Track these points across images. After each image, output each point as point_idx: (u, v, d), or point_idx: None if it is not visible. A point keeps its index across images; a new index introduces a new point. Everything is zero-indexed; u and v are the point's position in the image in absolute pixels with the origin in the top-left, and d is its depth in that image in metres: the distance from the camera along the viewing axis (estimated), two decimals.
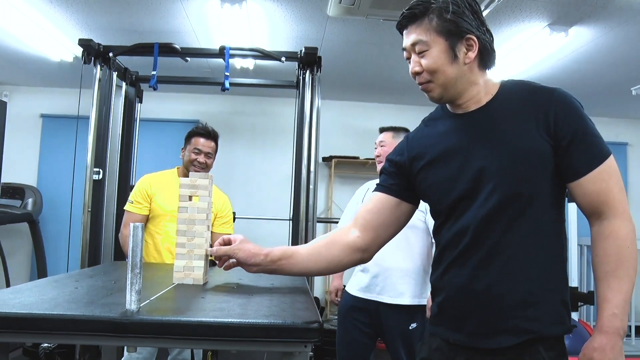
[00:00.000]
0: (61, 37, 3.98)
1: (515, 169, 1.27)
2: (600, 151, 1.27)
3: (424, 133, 1.47)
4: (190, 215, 1.47)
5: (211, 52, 3.36)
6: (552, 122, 1.27)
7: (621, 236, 1.24)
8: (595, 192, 1.26)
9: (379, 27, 3.63)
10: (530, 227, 1.28)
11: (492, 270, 1.28)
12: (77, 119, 3.41)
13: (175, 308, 1.19)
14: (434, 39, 1.32)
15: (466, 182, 1.32)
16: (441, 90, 1.37)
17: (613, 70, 4.43)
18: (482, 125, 1.35)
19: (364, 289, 2.74)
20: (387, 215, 1.47)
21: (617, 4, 3.13)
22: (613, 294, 1.22)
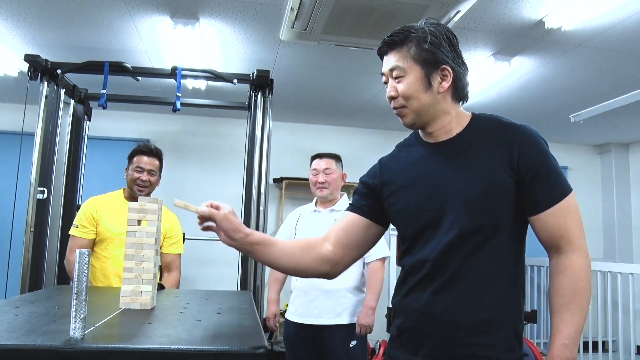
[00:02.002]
0: (6, 51, 3.87)
1: (480, 202, 1.33)
2: (561, 188, 1.34)
3: (397, 159, 1.53)
4: (138, 239, 1.46)
5: (163, 72, 3.34)
6: (517, 158, 1.33)
7: (577, 271, 1.31)
8: (555, 227, 1.33)
9: (330, 52, 3.71)
10: (490, 257, 1.34)
11: (450, 296, 1.33)
12: (21, 135, 3.30)
13: (121, 335, 1.17)
14: (410, 66, 1.38)
15: (432, 211, 1.37)
16: (414, 116, 1.42)
17: (553, 98, 4.65)
18: (451, 156, 1.40)
19: (303, 313, 2.85)
20: (357, 235, 1.52)
21: (554, 37, 3.31)
22: (566, 326, 1.29)
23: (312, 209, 3.09)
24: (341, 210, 2.80)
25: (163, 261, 2.91)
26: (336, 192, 3.02)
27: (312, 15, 2.76)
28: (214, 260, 5.35)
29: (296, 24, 2.88)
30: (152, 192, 2.87)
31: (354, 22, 2.86)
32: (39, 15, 3.30)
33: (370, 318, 2.83)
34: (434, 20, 1.42)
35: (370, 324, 2.84)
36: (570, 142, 6.61)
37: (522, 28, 3.21)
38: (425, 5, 2.63)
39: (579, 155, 6.67)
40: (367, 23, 2.86)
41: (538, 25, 3.14)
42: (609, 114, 4.56)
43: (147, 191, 2.80)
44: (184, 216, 5.57)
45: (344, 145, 6.07)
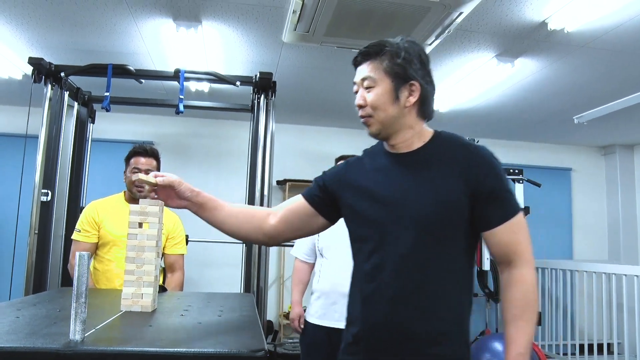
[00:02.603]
0: (10, 54, 3.89)
1: (435, 216, 1.39)
2: (512, 207, 1.42)
3: (362, 164, 1.59)
4: (139, 242, 1.46)
5: (166, 74, 3.36)
6: (474, 177, 1.40)
7: (528, 283, 1.40)
8: (507, 242, 1.41)
9: (333, 54, 3.71)
10: (446, 270, 1.40)
11: (409, 307, 1.39)
12: (25, 138, 3.32)
13: (121, 337, 1.18)
14: (381, 78, 1.45)
15: (389, 219, 1.42)
16: (379, 127, 1.49)
17: (556, 99, 4.63)
18: (410, 169, 1.46)
19: (323, 316, 2.79)
20: (303, 220, 1.60)
21: (557, 39, 3.30)
22: (519, 336, 1.37)
23: None
24: None
25: (166, 262, 2.92)
26: None
27: (315, 18, 2.76)
28: (217, 262, 5.36)
29: (298, 26, 2.88)
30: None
31: (356, 24, 2.85)
32: (43, 19, 3.31)
33: None
34: (410, 38, 1.49)
35: None
36: (574, 144, 6.59)
37: (525, 29, 3.20)
38: (427, 7, 2.62)
39: (583, 156, 6.65)
40: (369, 25, 2.86)
41: (541, 27, 3.14)
42: (613, 115, 4.54)
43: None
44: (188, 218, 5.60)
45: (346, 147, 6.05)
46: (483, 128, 5.80)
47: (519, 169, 4.81)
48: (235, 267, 3.65)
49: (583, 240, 6.47)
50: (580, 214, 6.53)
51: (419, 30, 2.89)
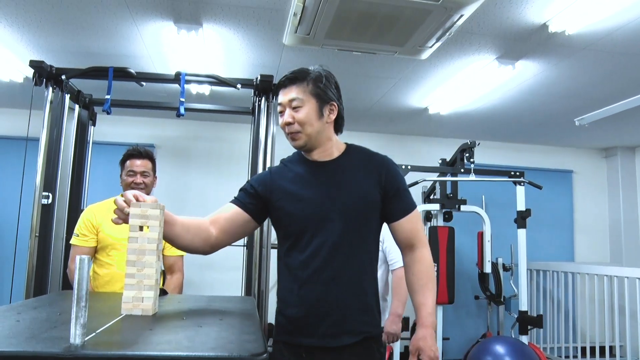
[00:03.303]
0: (11, 57, 3.89)
1: (357, 209, 1.73)
2: (411, 203, 1.82)
3: (284, 172, 1.85)
4: (140, 245, 1.46)
5: (167, 77, 3.35)
6: (384, 179, 1.77)
7: (427, 260, 1.79)
8: (409, 230, 1.79)
9: (334, 57, 3.71)
10: (365, 252, 1.77)
11: (339, 286, 1.70)
12: (26, 140, 3.32)
13: (121, 341, 1.17)
14: (308, 99, 1.74)
15: (317, 216, 1.72)
16: (306, 139, 1.76)
17: (558, 101, 4.63)
18: (332, 174, 1.78)
19: None
20: (238, 226, 1.80)
21: (558, 41, 3.30)
22: (427, 300, 1.74)
23: None
24: None
25: (165, 263, 2.91)
26: None
27: (315, 20, 2.76)
28: (218, 265, 5.35)
29: (299, 29, 2.88)
30: (149, 193, 2.86)
31: (357, 26, 2.85)
32: (44, 22, 3.31)
33: (397, 326, 2.79)
34: (325, 68, 1.84)
35: (398, 332, 2.80)
36: (575, 146, 6.59)
37: (525, 32, 3.20)
38: (428, 10, 2.62)
39: (585, 158, 6.65)
40: (370, 27, 2.86)
41: (542, 29, 3.13)
42: (614, 117, 4.54)
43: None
44: None
45: None
46: (484, 130, 5.80)
47: (520, 171, 4.81)
48: (236, 270, 3.64)
49: (584, 243, 6.47)
50: (581, 216, 6.52)
51: (420, 33, 2.89)
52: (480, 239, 5.06)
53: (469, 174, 4.70)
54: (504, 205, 5.59)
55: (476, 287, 5.48)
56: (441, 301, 4.66)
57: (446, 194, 4.95)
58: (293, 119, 1.74)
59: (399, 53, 3.22)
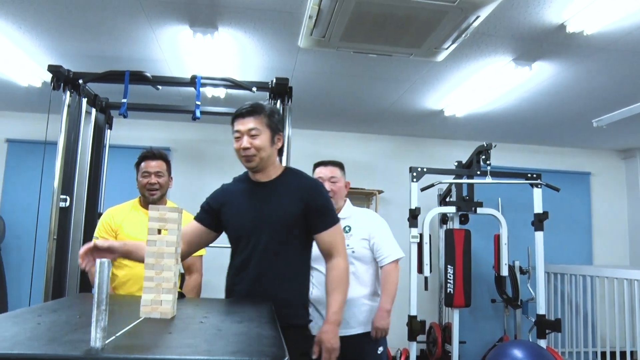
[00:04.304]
0: (29, 62, 3.94)
1: (279, 224, 2.08)
2: (332, 220, 2.16)
3: (233, 188, 2.25)
4: (159, 248, 1.46)
5: (183, 80, 3.37)
6: (307, 199, 2.10)
7: (341, 268, 2.14)
8: (329, 242, 2.14)
9: (349, 59, 3.70)
10: (287, 260, 2.11)
11: (263, 284, 2.06)
12: (44, 144, 3.36)
13: (141, 345, 1.17)
14: (264, 129, 2.09)
15: (252, 226, 2.09)
16: (259, 162, 2.10)
17: (575, 103, 4.58)
18: (267, 192, 2.14)
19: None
20: (200, 238, 2.22)
21: (576, 41, 3.26)
22: (334, 301, 2.10)
23: None
24: (347, 218, 2.88)
25: (184, 264, 2.92)
26: (340, 200, 2.94)
27: (331, 23, 2.75)
28: None
29: (314, 32, 2.88)
30: (164, 193, 2.91)
31: (372, 28, 2.84)
32: (61, 27, 3.35)
33: (385, 321, 2.78)
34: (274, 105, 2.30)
35: (386, 327, 2.79)
36: (593, 148, 6.51)
37: (542, 33, 3.17)
38: (444, 11, 2.60)
39: (603, 160, 6.56)
40: (385, 29, 2.85)
41: (559, 30, 3.10)
42: (633, 118, 4.48)
43: (158, 194, 2.86)
44: None
45: (362, 152, 6.06)
46: (500, 132, 5.75)
47: (537, 174, 4.75)
48: None
49: (603, 246, 6.38)
50: (600, 219, 6.44)
51: (435, 35, 2.87)
52: (496, 241, 5.01)
53: (485, 176, 4.66)
54: (520, 208, 5.53)
55: (493, 291, 5.43)
56: (457, 304, 4.62)
57: (462, 196, 4.92)
58: (251, 145, 2.07)
59: (414, 55, 3.21)
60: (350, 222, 2.88)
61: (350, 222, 2.88)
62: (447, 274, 4.72)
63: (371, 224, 2.90)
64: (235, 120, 2.12)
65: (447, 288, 4.67)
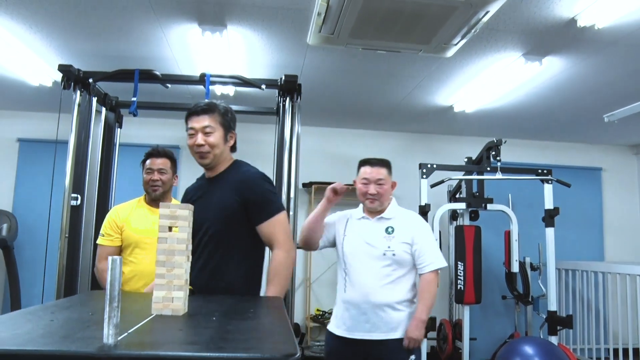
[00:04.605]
0: (40, 62, 3.97)
1: (220, 216, 2.14)
2: (271, 211, 2.17)
3: (193, 187, 2.37)
4: (169, 245, 1.47)
5: (192, 79, 3.38)
6: (246, 193, 2.15)
7: (279, 259, 2.15)
8: (268, 233, 2.16)
9: (358, 56, 3.70)
10: (231, 249, 2.16)
11: (205, 273, 2.13)
12: (55, 143, 3.38)
13: (153, 341, 1.18)
14: (217, 127, 2.17)
15: (199, 220, 1.99)
16: (213, 158, 2.19)
17: (586, 98, 4.55)
18: (213, 187, 2.23)
19: (352, 327, 2.65)
20: None
21: (587, 36, 3.23)
22: (275, 289, 2.11)
23: (359, 215, 2.83)
24: (391, 219, 2.73)
25: None
26: (386, 201, 2.78)
27: (340, 19, 2.74)
28: None
29: (323, 29, 2.87)
30: (167, 190, 2.95)
31: (381, 25, 2.83)
32: (71, 27, 3.37)
33: (420, 331, 2.63)
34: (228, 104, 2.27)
35: (420, 338, 2.64)
36: (604, 143, 6.46)
37: (553, 27, 3.14)
38: (453, 6, 2.59)
39: (614, 156, 6.51)
40: (394, 26, 2.84)
41: (570, 24, 3.08)
42: None
43: (160, 190, 2.89)
44: None
45: (371, 149, 6.04)
46: (510, 128, 5.73)
47: (548, 169, 4.72)
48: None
49: (615, 242, 6.33)
50: (611, 215, 6.39)
51: (445, 30, 2.86)
52: (507, 238, 4.99)
53: (495, 173, 4.64)
54: (531, 204, 5.50)
55: (503, 287, 5.41)
56: (468, 301, 4.60)
57: (472, 192, 4.90)
58: (205, 142, 2.14)
59: (423, 51, 3.19)
60: (394, 224, 2.72)
61: (393, 224, 2.72)
62: (457, 270, 4.71)
63: (415, 228, 2.74)
64: (190, 117, 2.18)
65: (458, 285, 4.66)
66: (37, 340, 1.07)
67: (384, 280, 2.62)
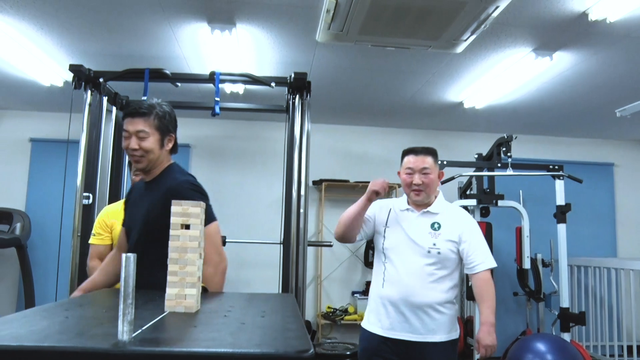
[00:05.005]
0: (51, 62, 4.00)
1: (146, 224, 2.08)
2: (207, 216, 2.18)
3: (136, 186, 2.31)
4: (182, 243, 1.47)
5: (201, 77, 3.39)
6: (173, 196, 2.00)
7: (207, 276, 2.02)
8: None
9: (367, 53, 3.69)
10: (156, 252, 1.97)
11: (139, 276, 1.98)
12: (67, 143, 3.41)
13: (167, 338, 1.18)
14: (153, 132, 2.06)
15: (130, 223, 2.17)
16: (148, 163, 2.10)
17: (598, 92, 4.51)
18: (146, 191, 2.15)
19: (389, 326, 2.47)
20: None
21: (598, 29, 3.20)
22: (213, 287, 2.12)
23: (403, 207, 2.60)
24: (438, 214, 2.53)
25: None
26: (432, 194, 2.57)
27: (348, 16, 2.74)
28: (254, 262, 5.40)
29: (332, 26, 2.87)
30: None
31: (390, 21, 2.83)
32: (81, 27, 3.39)
33: (493, 336, 2.42)
34: (168, 104, 2.17)
35: (495, 343, 2.43)
36: (616, 138, 6.40)
37: (564, 21, 3.12)
38: (463, 2, 2.58)
39: (626, 151, 6.45)
40: (404, 22, 2.83)
41: (581, 18, 3.05)
42: None
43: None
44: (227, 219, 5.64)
45: (381, 146, 6.03)
46: (521, 124, 5.69)
47: (559, 165, 4.69)
48: (271, 267, 3.66)
49: (627, 237, 6.28)
50: (623, 210, 6.34)
51: (454, 26, 2.84)
52: (518, 234, 4.96)
53: (506, 169, 4.61)
54: (542, 200, 5.47)
55: (515, 284, 5.38)
56: None
57: (483, 189, 4.88)
58: (139, 146, 2.04)
59: (433, 47, 3.18)
60: (441, 220, 2.53)
61: (440, 220, 2.53)
62: None
63: (463, 225, 2.54)
64: (125, 119, 2.08)
65: (469, 281, 4.64)
66: (53, 337, 1.08)
67: (427, 279, 2.44)
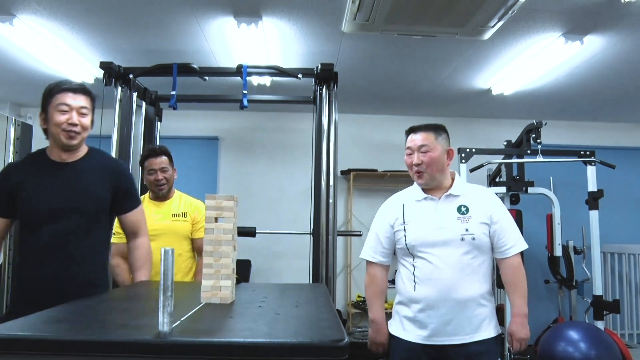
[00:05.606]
0: (82, 60, 4.08)
1: (92, 205, 2.09)
2: (137, 198, 2.30)
3: (25, 167, 2.13)
4: (216, 236, 1.51)
5: (229, 70, 3.42)
6: (115, 182, 2.17)
7: (147, 246, 2.30)
8: (135, 221, 2.27)
9: (393, 42, 3.67)
10: (96, 241, 2.13)
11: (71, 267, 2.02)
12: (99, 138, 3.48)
13: (206, 329, 1.22)
14: (90, 110, 2.12)
15: (59, 207, 2.03)
16: (80, 140, 2.09)
17: (630, 75, 4.40)
18: (76, 172, 2.10)
19: (429, 332, 2.19)
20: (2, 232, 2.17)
21: (632, 10, 3.12)
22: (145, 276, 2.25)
23: (420, 196, 2.34)
24: (461, 196, 2.29)
25: (196, 246, 3.08)
26: (440, 174, 2.31)
27: (374, 6, 2.73)
28: (284, 253, 5.44)
29: (358, 16, 2.86)
30: (171, 186, 3.11)
31: (416, 9, 2.80)
32: (110, 25, 3.45)
33: (526, 329, 2.25)
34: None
35: (528, 336, 2.25)
36: None
37: (594, 4, 3.05)
38: None
39: None
40: (430, 10, 2.80)
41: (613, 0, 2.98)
42: None
43: (166, 187, 3.06)
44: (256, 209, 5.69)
45: None
46: (551, 109, 5.59)
47: (591, 151, 4.60)
48: (301, 258, 3.69)
49: None
50: None
51: (481, 12, 2.81)
52: (549, 221, 4.89)
53: (535, 155, 4.55)
54: (573, 186, 5.37)
55: (546, 271, 5.31)
56: None
57: (512, 176, 4.82)
58: (79, 122, 2.06)
59: (460, 35, 3.14)
60: (466, 202, 2.27)
61: (465, 202, 2.27)
62: None
63: (491, 205, 2.30)
64: (63, 92, 2.04)
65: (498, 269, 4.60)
66: (96, 330, 1.12)
67: (465, 270, 2.19)
